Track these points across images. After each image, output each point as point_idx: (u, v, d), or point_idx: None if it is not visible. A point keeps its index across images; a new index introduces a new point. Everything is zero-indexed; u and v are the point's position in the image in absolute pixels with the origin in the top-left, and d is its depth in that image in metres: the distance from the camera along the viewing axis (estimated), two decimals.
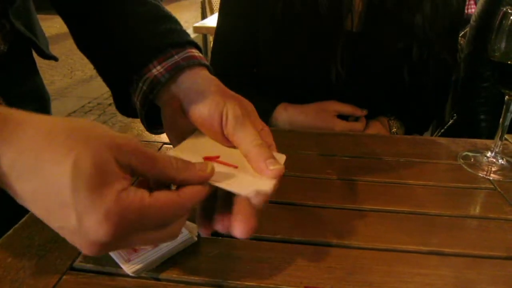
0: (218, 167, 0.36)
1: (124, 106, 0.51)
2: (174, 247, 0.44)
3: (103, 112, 3.42)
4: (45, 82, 0.72)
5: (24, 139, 0.28)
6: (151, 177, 0.32)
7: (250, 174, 0.37)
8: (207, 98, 0.41)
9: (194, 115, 0.41)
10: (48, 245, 0.45)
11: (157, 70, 0.44)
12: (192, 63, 0.44)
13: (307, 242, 0.47)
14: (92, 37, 0.51)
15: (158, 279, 0.42)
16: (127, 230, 0.29)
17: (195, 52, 0.46)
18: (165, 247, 0.43)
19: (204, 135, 0.42)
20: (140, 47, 0.46)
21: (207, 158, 0.38)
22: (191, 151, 0.39)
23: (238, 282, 0.42)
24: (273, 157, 0.38)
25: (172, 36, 0.47)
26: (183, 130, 0.43)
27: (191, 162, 0.34)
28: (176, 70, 0.44)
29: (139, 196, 0.29)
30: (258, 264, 0.44)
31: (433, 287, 0.42)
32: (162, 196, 0.31)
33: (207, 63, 0.46)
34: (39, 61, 0.70)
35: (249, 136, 0.38)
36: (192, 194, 0.33)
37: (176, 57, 0.45)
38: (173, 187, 0.34)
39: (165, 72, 0.44)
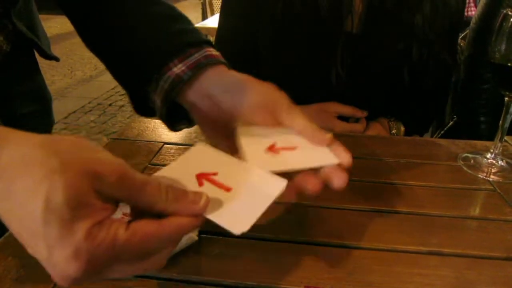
0: (210, 189, 0.34)
1: (141, 106, 0.51)
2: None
3: (103, 112, 3.42)
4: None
5: (2, 162, 0.27)
6: (139, 208, 0.30)
7: (243, 201, 0.34)
8: (255, 88, 0.43)
9: (241, 105, 0.42)
10: None
11: (178, 68, 0.44)
12: (212, 61, 0.45)
13: (307, 242, 0.48)
14: (102, 37, 0.51)
15: (159, 278, 0.42)
16: (99, 267, 0.28)
17: (212, 51, 0.47)
18: None
19: (206, 147, 0.40)
20: (159, 46, 0.47)
21: (200, 176, 0.36)
22: (186, 167, 0.37)
23: (239, 281, 0.42)
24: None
25: (190, 36, 0.47)
26: (218, 123, 0.44)
27: (184, 192, 0.32)
28: (198, 68, 0.44)
29: (113, 231, 0.27)
30: (258, 264, 0.44)
31: (433, 287, 0.42)
32: (141, 229, 0.28)
33: (225, 61, 0.47)
34: (39, 61, 0.70)
35: (303, 120, 0.42)
36: (179, 225, 0.30)
37: (196, 55, 0.45)
38: None
39: (187, 70, 0.44)
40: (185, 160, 0.38)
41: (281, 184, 0.36)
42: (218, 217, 0.32)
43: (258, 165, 0.37)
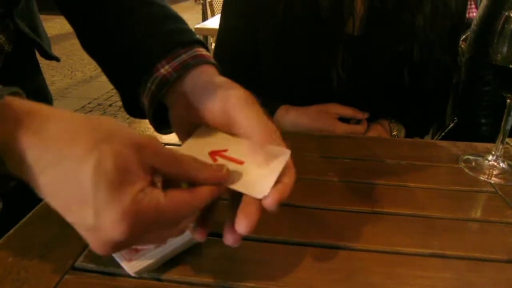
0: (225, 163, 0.36)
1: (133, 107, 0.51)
2: (176, 247, 0.43)
3: (103, 113, 3.42)
4: None
5: (50, 134, 0.28)
6: (173, 177, 0.33)
7: (258, 170, 0.37)
8: (214, 91, 0.41)
9: (204, 110, 0.41)
10: (49, 244, 0.45)
11: (165, 69, 0.44)
12: (199, 61, 0.45)
13: (308, 244, 0.48)
14: (99, 38, 0.51)
15: (160, 280, 0.42)
16: (142, 230, 0.30)
17: (202, 51, 0.46)
18: (167, 248, 0.43)
19: (209, 129, 0.42)
20: (149, 47, 0.46)
21: (212, 153, 0.38)
22: (197, 147, 0.39)
23: (240, 283, 0.42)
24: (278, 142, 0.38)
25: (180, 36, 0.47)
26: (190, 127, 0.43)
27: (207, 163, 0.34)
28: (184, 69, 0.44)
29: (155, 197, 0.30)
30: (259, 265, 0.44)
31: None
32: (176, 197, 0.31)
33: (215, 61, 0.46)
34: (39, 62, 0.70)
35: (253, 118, 0.38)
36: (206, 193, 0.33)
37: (184, 56, 0.45)
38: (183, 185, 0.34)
39: (173, 71, 0.44)
40: (194, 142, 0.40)
41: (286, 151, 0.38)
42: (240, 186, 0.35)
43: None
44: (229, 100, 0.39)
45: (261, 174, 0.36)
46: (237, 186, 0.35)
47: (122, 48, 0.49)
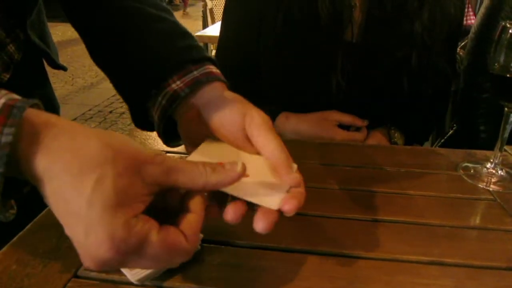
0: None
1: (140, 119, 0.52)
2: None
3: (103, 120, 3.43)
4: None
5: (62, 146, 0.29)
6: (182, 188, 0.33)
7: (267, 181, 0.38)
8: (229, 105, 0.42)
9: (215, 122, 0.42)
10: (52, 252, 0.45)
11: (176, 85, 0.45)
12: (211, 78, 0.46)
13: (309, 251, 0.48)
14: (109, 52, 0.52)
15: (162, 287, 0.42)
16: (128, 256, 0.30)
17: (213, 68, 0.48)
18: None
19: (216, 141, 0.43)
20: (160, 63, 0.47)
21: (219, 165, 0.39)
22: (206, 157, 0.40)
23: None
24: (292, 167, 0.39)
25: (191, 52, 0.48)
26: (199, 138, 0.44)
27: (219, 164, 0.34)
28: (196, 85, 0.45)
29: (147, 229, 0.30)
30: (260, 273, 0.44)
31: None
32: (170, 238, 0.31)
33: (225, 79, 0.47)
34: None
35: (274, 140, 0.39)
36: (198, 237, 0.33)
37: (195, 72, 0.46)
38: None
39: (185, 87, 0.45)
40: (200, 154, 0.41)
41: (293, 165, 0.39)
42: (253, 197, 0.36)
43: None
44: (253, 120, 0.40)
45: (272, 185, 0.37)
46: (251, 198, 0.36)
47: (133, 62, 0.50)
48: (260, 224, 0.35)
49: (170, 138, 0.50)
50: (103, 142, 0.30)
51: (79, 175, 0.29)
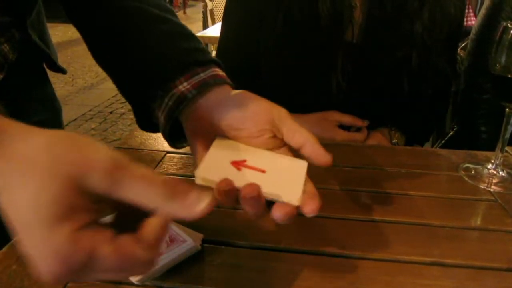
0: (248, 173, 0.38)
1: (144, 121, 0.52)
2: (178, 255, 0.44)
3: (104, 120, 3.43)
4: None
5: (13, 154, 0.28)
6: (125, 204, 0.29)
7: (282, 178, 0.39)
8: (251, 101, 0.43)
9: (232, 120, 0.42)
10: None
11: (183, 86, 0.45)
12: (218, 81, 0.46)
13: (309, 252, 0.48)
14: (113, 53, 0.52)
15: (162, 287, 0.42)
16: (76, 271, 0.27)
17: (219, 71, 0.47)
18: (170, 256, 0.43)
19: (227, 139, 0.43)
20: (161, 63, 0.47)
21: (234, 163, 0.39)
22: (220, 157, 0.40)
23: None
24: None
25: (197, 54, 0.48)
26: (205, 138, 0.44)
27: (187, 190, 0.30)
28: (204, 87, 0.45)
29: (95, 242, 0.27)
30: (261, 273, 0.44)
31: None
32: (123, 249, 0.28)
33: (231, 82, 0.47)
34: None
35: (304, 129, 0.41)
36: (160, 246, 0.30)
37: (202, 74, 0.46)
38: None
39: (192, 88, 0.45)
40: (215, 153, 0.41)
41: (303, 161, 0.41)
42: (271, 194, 0.36)
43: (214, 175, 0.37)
44: (280, 112, 0.42)
45: (288, 181, 0.38)
46: (268, 195, 0.36)
47: (137, 63, 0.49)
48: (277, 213, 0.35)
49: (175, 140, 0.50)
50: (50, 153, 0.28)
51: (20, 188, 0.27)
